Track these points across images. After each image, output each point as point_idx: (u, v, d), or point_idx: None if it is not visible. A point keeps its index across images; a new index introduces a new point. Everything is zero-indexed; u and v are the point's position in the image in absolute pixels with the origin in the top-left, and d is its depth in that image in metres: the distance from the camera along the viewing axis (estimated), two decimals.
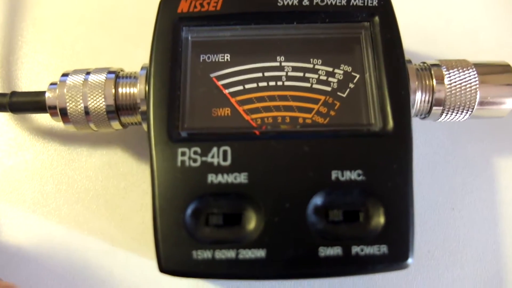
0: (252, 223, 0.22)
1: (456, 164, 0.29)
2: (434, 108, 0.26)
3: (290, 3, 0.25)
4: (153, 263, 0.27)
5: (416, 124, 0.29)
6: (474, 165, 0.29)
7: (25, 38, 0.32)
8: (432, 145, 0.29)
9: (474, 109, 0.26)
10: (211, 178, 0.22)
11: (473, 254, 0.28)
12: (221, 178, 0.22)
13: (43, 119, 0.30)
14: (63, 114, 0.25)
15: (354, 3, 0.25)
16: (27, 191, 0.29)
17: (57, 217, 0.28)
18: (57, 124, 0.29)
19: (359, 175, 0.22)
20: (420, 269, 0.27)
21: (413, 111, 0.25)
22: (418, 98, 0.25)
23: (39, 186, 0.29)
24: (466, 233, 0.28)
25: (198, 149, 0.22)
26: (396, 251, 0.21)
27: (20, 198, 0.28)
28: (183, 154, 0.22)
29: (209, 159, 0.22)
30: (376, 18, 0.25)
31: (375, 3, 0.25)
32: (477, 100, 0.25)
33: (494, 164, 0.29)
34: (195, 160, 0.22)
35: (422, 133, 0.30)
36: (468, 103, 0.25)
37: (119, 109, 0.25)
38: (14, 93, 0.26)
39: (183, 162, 0.22)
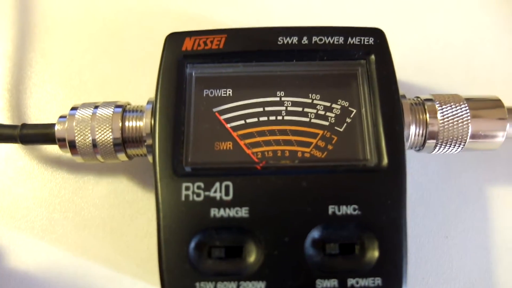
0: (252, 255, 0.23)
1: (449, 193, 0.30)
2: (428, 141, 0.27)
3: (290, 41, 0.26)
4: None
5: (411, 154, 0.30)
6: (467, 194, 0.30)
7: (34, 68, 0.33)
8: (426, 174, 0.30)
9: (467, 142, 0.27)
10: (214, 212, 0.23)
11: (466, 281, 0.28)
12: (223, 212, 0.23)
13: (51, 148, 0.31)
14: (72, 146, 0.26)
15: (351, 42, 0.26)
16: (36, 218, 0.30)
17: (64, 244, 0.29)
18: (65, 154, 0.30)
19: (354, 209, 0.23)
20: None
21: (407, 144, 0.26)
22: (412, 132, 0.26)
23: (47, 214, 0.30)
24: (459, 260, 0.29)
25: (202, 184, 0.23)
26: (390, 283, 0.22)
27: (29, 225, 0.29)
28: (187, 188, 0.23)
29: (211, 193, 0.23)
30: (372, 56, 0.26)
31: (371, 41, 0.26)
32: (469, 134, 0.26)
33: (487, 193, 0.30)
34: (198, 195, 0.23)
35: (417, 163, 0.31)
36: (460, 136, 0.26)
37: (126, 141, 0.26)
38: (24, 125, 0.27)
39: (187, 196, 0.23)
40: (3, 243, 0.29)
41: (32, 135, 0.27)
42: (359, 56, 0.26)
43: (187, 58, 0.26)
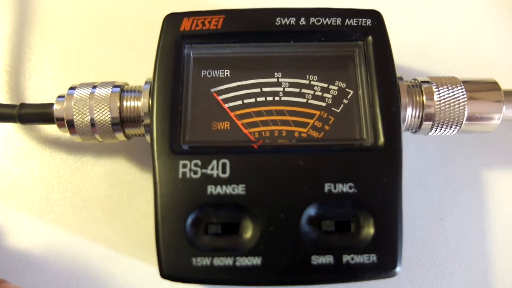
0: (249, 232, 0.23)
1: (446, 177, 0.30)
2: (424, 123, 0.27)
3: (287, 22, 0.26)
4: (154, 269, 0.28)
5: (409, 137, 0.30)
6: (464, 178, 0.30)
7: (33, 50, 0.33)
8: (424, 158, 0.31)
9: (463, 124, 0.27)
10: (211, 189, 0.23)
11: (462, 263, 0.29)
12: (220, 190, 0.23)
13: (50, 129, 0.31)
14: (70, 125, 0.26)
15: (349, 23, 0.26)
16: (34, 198, 0.30)
17: (62, 223, 0.29)
18: (64, 134, 0.30)
19: (350, 187, 0.23)
20: (410, 277, 0.28)
21: (404, 126, 0.27)
22: (409, 113, 0.26)
23: (46, 194, 0.30)
24: (455, 242, 0.29)
25: (199, 162, 0.24)
26: (385, 260, 0.22)
27: (27, 205, 0.30)
28: (184, 166, 0.24)
29: (208, 171, 0.23)
30: (370, 38, 0.26)
31: (368, 23, 0.26)
32: (465, 115, 0.26)
33: (483, 177, 0.30)
34: (195, 172, 0.23)
35: (414, 146, 0.31)
36: (456, 118, 0.27)
37: (124, 121, 0.26)
38: (23, 105, 0.27)
39: (184, 173, 0.23)
40: (2, 223, 0.29)
41: (31, 115, 0.27)
42: (356, 37, 0.26)
43: (185, 38, 0.26)
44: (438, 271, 0.29)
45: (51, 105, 0.27)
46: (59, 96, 0.27)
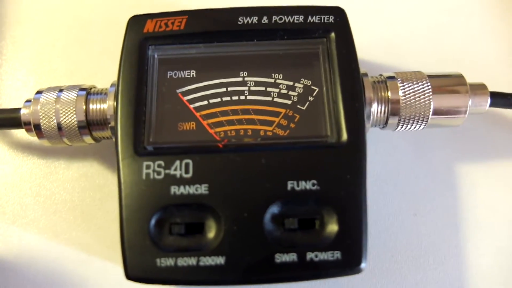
0: (212, 231, 0.23)
1: (418, 172, 0.30)
2: (390, 118, 0.27)
3: (250, 21, 0.26)
4: None
5: (380, 133, 0.30)
6: (436, 173, 0.30)
7: (5, 56, 0.33)
8: (395, 154, 0.31)
9: (429, 118, 0.27)
10: (174, 189, 0.23)
11: (435, 259, 0.29)
12: (183, 190, 0.23)
13: (21, 134, 0.31)
14: (38, 130, 0.27)
15: (311, 20, 0.26)
16: (7, 203, 0.30)
17: (35, 227, 0.29)
18: (35, 139, 0.30)
19: (313, 185, 0.23)
20: (384, 273, 0.28)
21: (370, 122, 0.27)
22: (375, 109, 0.26)
23: (18, 198, 0.30)
24: (428, 238, 0.29)
25: (162, 162, 0.24)
26: (349, 256, 0.22)
27: (0, 210, 0.30)
28: (147, 167, 0.24)
29: (172, 171, 0.23)
30: (332, 34, 0.26)
31: (331, 20, 0.26)
32: (431, 110, 0.26)
33: (456, 171, 0.30)
34: (159, 173, 0.23)
35: (386, 142, 0.31)
36: (422, 113, 0.27)
37: (90, 124, 0.27)
38: None
39: (147, 174, 0.23)
40: None
41: None
42: (319, 34, 0.26)
43: (148, 40, 0.26)
44: (412, 266, 0.29)
45: (18, 109, 0.27)
46: (27, 101, 0.27)
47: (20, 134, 0.31)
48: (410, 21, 0.34)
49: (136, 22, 0.26)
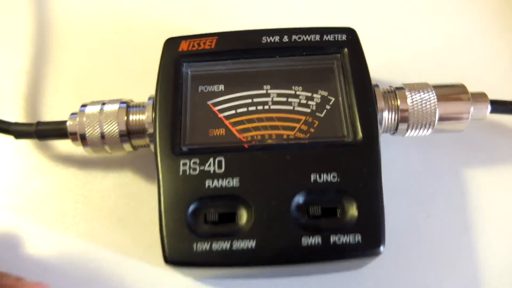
0: (243, 219, 0.25)
1: (428, 178, 0.33)
2: (400, 124, 0.30)
3: (272, 40, 0.29)
4: (159, 270, 0.31)
5: (391, 142, 0.33)
6: (444, 178, 0.33)
7: (48, 81, 0.37)
8: (405, 162, 0.33)
9: (435, 124, 0.30)
10: (208, 183, 0.26)
11: (448, 258, 0.30)
12: (216, 183, 0.26)
13: (62, 147, 0.34)
14: (83, 139, 0.30)
15: (326, 39, 0.30)
16: (48, 210, 0.32)
17: (75, 232, 0.31)
18: (74, 151, 0.34)
19: (334, 177, 0.26)
20: (400, 272, 0.30)
21: (382, 128, 0.29)
22: (386, 117, 0.29)
23: (59, 206, 0.32)
24: (441, 238, 0.31)
25: (197, 160, 0.26)
26: (369, 239, 0.24)
27: (42, 217, 0.32)
28: (184, 164, 0.26)
29: (206, 167, 0.26)
30: (346, 50, 0.29)
31: (344, 38, 0.30)
32: (437, 116, 0.29)
33: (462, 176, 0.33)
34: (194, 169, 0.26)
35: (396, 151, 0.33)
36: (429, 119, 0.29)
37: (130, 133, 0.30)
38: (39, 123, 0.31)
39: (184, 171, 0.26)
40: (19, 234, 0.32)
41: (47, 131, 0.31)
42: (334, 50, 0.30)
43: (183, 57, 0.29)
44: (426, 265, 0.30)
45: (64, 122, 0.30)
46: (72, 114, 0.30)
47: (60, 147, 0.34)
48: (414, 43, 0.37)
49: (172, 43, 0.30)
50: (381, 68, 0.35)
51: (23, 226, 0.32)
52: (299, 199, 0.25)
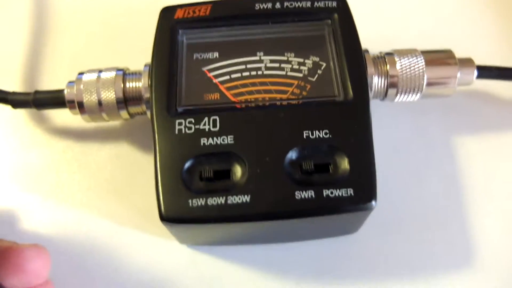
0: (238, 176, 0.26)
1: (419, 144, 0.33)
2: (389, 90, 0.30)
3: (265, 6, 0.30)
4: (157, 239, 0.31)
5: (382, 111, 0.34)
6: (435, 144, 0.33)
7: (45, 59, 0.37)
8: (397, 130, 0.34)
9: (423, 88, 0.30)
10: (203, 141, 0.26)
11: (440, 219, 0.31)
12: (211, 141, 0.26)
13: (58, 119, 0.35)
14: (80, 106, 0.30)
15: (317, 5, 0.30)
16: (45, 181, 0.33)
17: (71, 203, 0.32)
18: (70, 123, 0.34)
19: (326, 134, 0.26)
20: (395, 233, 0.31)
21: (372, 93, 0.30)
22: (375, 82, 0.30)
23: (55, 177, 0.33)
24: (433, 201, 0.31)
25: (192, 120, 0.27)
26: (361, 193, 0.25)
27: (38, 188, 0.32)
28: (179, 124, 0.27)
29: (201, 126, 0.27)
30: (336, 16, 0.30)
31: (334, 4, 0.30)
32: (425, 81, 0.30)
33: (452, 143, 0.33)
34: (189, 128, 0.27)
35: (387, 120, 0.34)
36: (417, 83, 0.30)
37: (127, 100, 0.30)
38: (37, 92, 0.31)
39: (180, 130, 0.27)
40: (16, 205, 0.32)
41: (44, 99, 0.31)
42: (324, 16, 0.30)
43: (179, 24, 0.30)
44: (420, 226, 0.31)
45: (62, 90, 0.31)
46: (69, 82, 0.31)
47: (57, 119, 0.35)
48: (404, 17, 0.38)
49: (168, 11, 0.31)
50: (370, 37, 0.35)
51: (19, 197, 0.32)
52: (292, 155, 0.26)
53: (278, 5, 0.30)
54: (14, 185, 0.33)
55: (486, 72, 0.32)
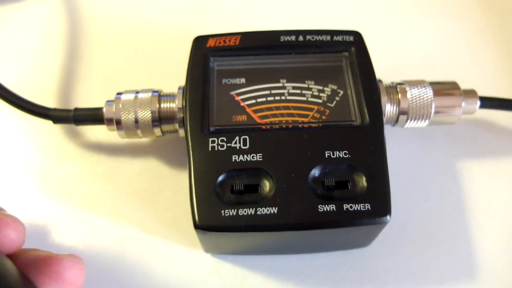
0: (266, 189, 0.28)
1: (425, 167, 0.36)
2: (400, 116, 0.33)
3: (289, 39, 0.34)
4: (181, 247, 0.33)
5: (393, 135, 0.37)
6: (440, 167, 0.36)
7: (81, 79, 0.40)
8: (405, 152, 0.37)
9: (431, 116, 0.33)
10: (235, 157, 0.29)
11: (445, 236, 0.33)
12: (242, 158, 0.29)
13: (91, 136, 0.37)
14: (118, 123, 0.33)
15: (336, 39, 0.34)
16: (77, 193, 0.35)
17: (101, 212, 0.34)
18: (103, 140, 0.37)
19: (346, 154, 0.29)
20: (402, 249, 0.33)
21: (384, 118, 0.33)
22: (388, 109, 0.33)
23: (88, 188, 0.35)
24: (438, 219, 0.34)
25: (224, 138, 0.30)
26: (377, 208, 0.28)
27: (71, 199, 0.35)
28: (213, 142, 0.30)
29: (232, 144, 0.29)
30: (353, 49, 0.33)
31: (351, 38, 0.34)
32: (433, 109, 0.33)
33: (456, 166, 0.36)
34: (222, 146, 0.29)
35: (396, 144, 0.37)
36: (426, 111, 0.33)
37: (161, 119, 0.33)
38: (77, 109, 0.34)
39: (213, 147, 0.29)
40: (50, 215, 0.34)
41: (84, 116, 0.34)
42: (342, 49, 0.34)
43: (211, 52, 0.33)
44: (426, 243, 0.33)
45: (101, 108, 0.33)
46: (108, 101, 0.34)
47: (90, 136, 0.37)
48: (409, 48, 0.42)
49: (200, 40, 0.34)
50: (382, 68, 0.39)
51: (53, 208, 0.34)
52: (315, 172, 0.29)
53: (301, 38, 0.34)
54: (49, 195, 0.35)
55: (488, 102, 0.35)
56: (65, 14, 0.44)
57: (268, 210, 0.27)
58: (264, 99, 0.33)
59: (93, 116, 0.34)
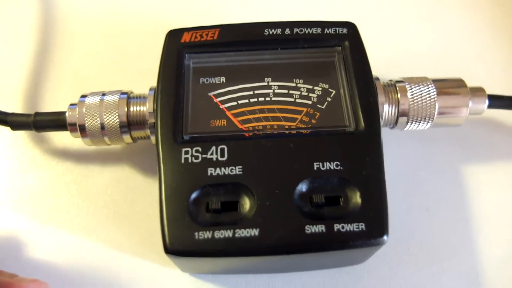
0: (246, 208, 0.25)
1: (427, 172, 0.33)
2: (400, 118, 0.30)
3: (274, 32, 0.30)
4: (156, 266, 0.30)
5: (390, 138, 0.33)
6: (443, 173, 0.33)
7: (47, 76, 0.36)
8: (405, 157, 0.33)
9: (435, 118, 0.30)
10: (211, 171, 0.25)
11: (449, 250, 0.30)
12: (219, 171, 0.25)
13: (58, 141, 0.34)
14: (82, 129, 0.29)
15: (328, 32, 0.30)
16: (42, 204, 0.32)
17: (69, 227, 0.31)
18: (70, 145, 0.33)
19: (337, 165, 0.26)
20: (402, 264, 0.30)
21: (382, 121, 0.29)
22: (386, 110, 0.30)
23: (54, 200, 0.32)
24: (441, 231, 0.31)
25: (199, 148, 0.26)
26: (373, 228, 0.24)
27: (36, 212, 0.31)
28: (186, 152, 0.26)
29: (208, 155, 0.26)
30: (346, 43, 0.30)
31: (344, 31, 0.30)
32: (436, 110, 0.30)
33: (461, 172, 0.33)
34: (196, 157, 0.26)
35: (396, 147, 0.34)
36: (428, 113, 0.30)
37: (131, 124, 0.29)
38: (37, 113, 0.30)
39: (186, 159, 0.26)
40: (13, 229, 0.31)
41: (45, 121, 0.30)
42: (335, 43, 0.30)
43: (186, 48, 0.29)
44: (428, 258, 0.30)
45: (63, 112, 0.30)
46: (71, 104, 0.30)
47: (56, 141, 0.34)
48: (410, 41, 0.38)
49: (174, 34, 0.30)
50: (379, 65, 0.35)
51: (17, 220, 0.31)
52: (302, 187, 0.25)
53: (288, 31, 0.30)
54: (11, 208, 0.32)
55: (497, 101, 0.31)
56: (30, 10, 0.40)
57: (248, 232, 0.24)
58: (246, 101, 0.29)
59: (55, 122, 0.30)
